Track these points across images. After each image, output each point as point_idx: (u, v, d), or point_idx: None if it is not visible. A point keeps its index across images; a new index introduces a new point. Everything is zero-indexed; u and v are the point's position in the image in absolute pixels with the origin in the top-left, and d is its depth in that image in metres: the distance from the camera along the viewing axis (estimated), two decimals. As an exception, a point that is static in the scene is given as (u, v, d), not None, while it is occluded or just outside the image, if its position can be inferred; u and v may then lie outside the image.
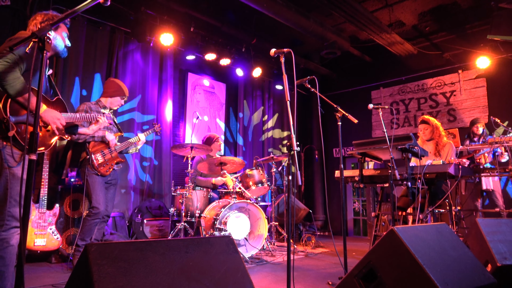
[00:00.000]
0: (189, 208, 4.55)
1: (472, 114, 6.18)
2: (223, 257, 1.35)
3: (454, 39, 6.48)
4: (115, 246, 1.15)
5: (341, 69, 7.92)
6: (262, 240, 4.34)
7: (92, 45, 5.07)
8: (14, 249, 2.11)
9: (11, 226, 2.08)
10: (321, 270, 3.73)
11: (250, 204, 4.34)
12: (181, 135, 6.25)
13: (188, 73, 6.37)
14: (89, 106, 3.59)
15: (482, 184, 5.16)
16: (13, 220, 2.09)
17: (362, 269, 2.19)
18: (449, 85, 6.53)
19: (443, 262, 2.01)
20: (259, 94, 7.40)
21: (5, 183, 2.09)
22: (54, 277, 3.24)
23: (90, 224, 3.45)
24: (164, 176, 5.69)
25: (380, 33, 6.09)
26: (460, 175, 3.73)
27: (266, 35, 6.70)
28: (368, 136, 7.29)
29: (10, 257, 2.09)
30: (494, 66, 5.99)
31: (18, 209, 2.08)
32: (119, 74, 5.29)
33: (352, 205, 7.77)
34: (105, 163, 3.56)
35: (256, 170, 4.77)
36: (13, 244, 2.10)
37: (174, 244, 1.28)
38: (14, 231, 2.10)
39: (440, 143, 4.28)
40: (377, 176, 4.16)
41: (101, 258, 1.06)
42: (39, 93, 1.57)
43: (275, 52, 2.66)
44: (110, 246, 1.14)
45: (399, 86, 7.10)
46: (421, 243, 2.04)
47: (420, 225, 2.39)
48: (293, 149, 2.44)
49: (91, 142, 3.54)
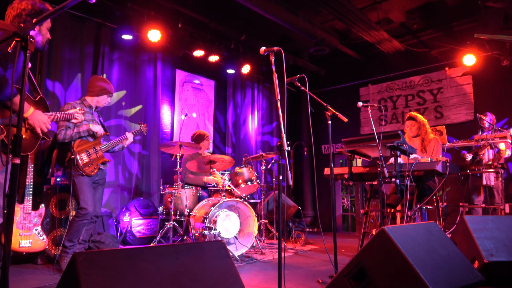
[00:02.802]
0: (178, 207, 4.51)
1: (458, 111, 6.26)
2: (215, 262, 1.33)
3: (441, 37, 6.55)
4: (103, 254, 1.11)
5: (330, 66, 7.94)
6: (252, 238, 4.33)
7: (77, 41, 4.95)
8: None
9: None
10: (311, 268, 3.74)
11: (239, 202, 4.33)
12: (169, 132, 6.18)
13: (177, 70, 6.29)
14: (73, 106, 3.50)
15: (483, 180, 5.21)
16: None
17: (352, 268, 2.19)
18: (436, 82, 6.60)
19: (433, 261, 2.03)
20: (248, 91, 7.36)
21: None
22: (40, 279, 3.17)
23: (78, 225, 3.38)
24: (153, 174, 5.62)
25: (369, 30, 6.11)
26: (448, 172, 3.78)
27: (255, 31, 6.66)
28: (356, 132, 7.34)
29: None
30: (480, 63, 6.07)
31: None
32: (105, 70, 5.19)
33: (341, 202, 7.82)
34: (90, 162, 3.48)
35: (246, 168, 4.75)
36: None
37: (164, 250, 1.25)
38: None
39: (426, 139, 4.33)
40: (366, 173, 4.18)
41: (89, 267, 1.02)
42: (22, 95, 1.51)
43: (265, 51, 2.63)
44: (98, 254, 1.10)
45: (387, 83, 7.15)
46: (411, 242, 2.05)
47: (410, 224, 2.41)
48: (283, 148, 2.43)
49: (76, 141, 3.45)
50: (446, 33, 6.49)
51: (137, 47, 5.56)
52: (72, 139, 3.43)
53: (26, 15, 2.23)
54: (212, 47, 6.03)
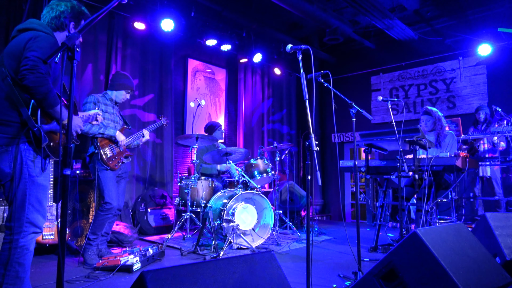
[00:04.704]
0: (195, 198, 4.57)
1: (471, 102, 6.23)
2: (268, 275, 1.36)
3: (456, 25, 6.45)
4: (168, 271, 1.15)
5: (341, 54, 7.84)
6: (268, 230, 4.39)
7: (90, 30, 4.89)
8: (32, 254, 2.12)
9: (29, 232, 2.07)
10: (328, 260, 3.77)
11: (255, 194, 4.37)
12: (181, 121, 6.18)
13: (188, 59, 6.22)
14: (97, 99, 3.52)
15: (479, 171, 5.27)
16: (31, 226, 2.07)
17: (382, 268, 2.23)
18: (449, 71, 6.54)
19: (464, 263, 2.06)
20: (258, 79, 7.31)
21: (23, 189, 2.05)
22: (66, 272, 3.23)
23: (102, 219, 3.44)
24: (166, 163, 5.65)
25: (382, 18, 6.02)
26: (467, 168, 3.81)
27: (266, 19, 6.56)
28: (366, 122, 7.31)
29: (29, 263, 2.10)
30: (495, 53, 6.00)
31: (36, 215, 2.08)
32: (118, 60, 5.14)
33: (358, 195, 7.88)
34: (114, 157, 3.51)
35: (261, 160, 4.78)
36: (31, 250, 2.10)
37: (222, 264, 1.28)
38: (32, 237, 2.10)
39: (442, 134, 4.34)
40: (383, 167, 4.21)
41: (158, 286, 1.05)
42: (70, 109, 1.52)
43: (292, 48, 2.60)
44: (163, 272, 1.13)
45: (399, 72, 7.08)
46: (442, 244, 2.08)
47: (440, 226, 2.42)
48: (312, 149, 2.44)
49: (99, 137, 3.48)
50: (461, 21, 6.39)
51: (150, 36, 5.49)
52: (94, 136, 3.45)
53: (65, 18, 2.21)
54: (224, 36, 5.96)
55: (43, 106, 2.03)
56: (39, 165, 2.09)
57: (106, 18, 5.05)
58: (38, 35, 2.06)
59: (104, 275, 3.03)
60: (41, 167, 2.09)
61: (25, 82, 1.92)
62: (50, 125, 2.11)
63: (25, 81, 1.92)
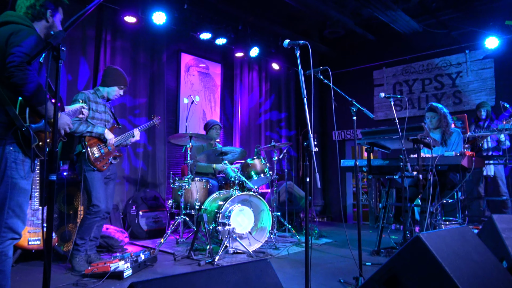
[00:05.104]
0: (188, 200, 4.37)
1: (478, 97, 5.99)
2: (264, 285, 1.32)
3: (462, 17, 6.19)
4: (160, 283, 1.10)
5: (341, 47, 7.59)
6: (265, 233, 4.20)
7: (78, 23, 4.66)
8: (11, 261, 2.03)
9: (7, 238, 1.97)
10: (328, 265, 3.62)
11: (252, 196, 4.18)
12: (174, 119, 5.96)
13: (181, 54, 5.99)
14: (87, 96, 3.32)
15: (483, 170, 5.09)
16: (10, 232, 1.97)
17: (383, 274, 2.10)
18: (455, 65, 6.30)
19: (469, 269, 1.96)
20: (256, 75, 7.08)
21: (4, 192, 1.95)
22: (53, 279, 3.03)
23: (89, 222, 3.25)
24: (158, 164, 5.45)
25: (385, 10, 5.78)
26: (474, 167, 3.61)
27: (263, 11, 6.31)
28: (369, 118, 7.08)
29: (8, 270, 2.01)
30: (503, 46, 5.76)
31: (16, 221, 1.99)
32: (107, 55, 4.92)
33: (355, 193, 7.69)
34: (102, 157, 3.31)
35: (258, 160, 4.57)
36: (10, 256, 2.01)
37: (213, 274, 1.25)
38: (10, 243, 2.00)
39: (447, 132, 4.15)
40: (385, 166, 4.01)
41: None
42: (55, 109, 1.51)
43: (289, 44, 2.44)
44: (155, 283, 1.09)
45: (403, 66, 6.84)
46: (447, 249, 1.98)
47: (444, 230, 2.30)
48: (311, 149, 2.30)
49: (87, 135, 3.28)
50: (467, 13, 6.13)
51: (141, 29, 5.25)
52: (82, 135, 3.26)
53: (40, 6, 2.13)
54: (219, 29, 5.73)
55: (32, 104, 1.96)
56: (27, 167, 2.01)
57: (95, 11, 4.82)
58: (19, 29, 1.99)
59: (93, 283, 2.91)
60: (29, 169, 2.01)
61: (14, 80, 1.88)
62: (39, 124, 2.03)
63: (14, 79, 1.88)
